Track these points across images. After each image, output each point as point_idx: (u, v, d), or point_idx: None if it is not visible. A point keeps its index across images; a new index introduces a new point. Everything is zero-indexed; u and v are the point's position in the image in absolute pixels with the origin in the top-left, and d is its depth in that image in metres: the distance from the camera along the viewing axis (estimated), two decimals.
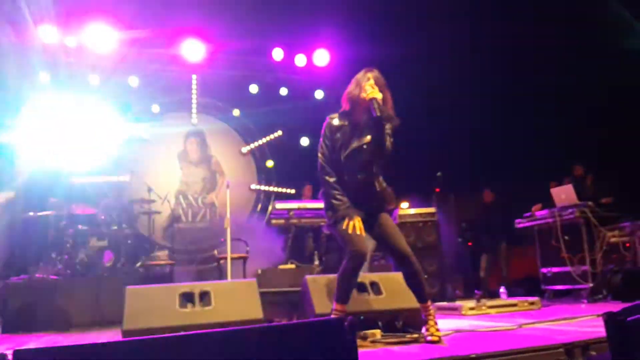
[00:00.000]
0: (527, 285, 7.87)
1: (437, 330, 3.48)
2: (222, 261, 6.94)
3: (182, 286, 4.11)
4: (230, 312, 3.94)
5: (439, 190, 9.31)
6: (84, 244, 6.85)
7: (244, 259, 7.15)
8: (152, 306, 3.85)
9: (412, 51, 8.12)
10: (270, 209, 7.51)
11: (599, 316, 4.20)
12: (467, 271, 8.89)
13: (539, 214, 7.39)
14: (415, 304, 3.65)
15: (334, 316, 3.49)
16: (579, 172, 7.74)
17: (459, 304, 5.71)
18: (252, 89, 10.15)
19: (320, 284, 4.13)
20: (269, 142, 10.41)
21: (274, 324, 4.15)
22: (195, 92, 9.98)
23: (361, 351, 2.74)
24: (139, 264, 7.26)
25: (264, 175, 10.40)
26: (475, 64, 8.67)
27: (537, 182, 8.10)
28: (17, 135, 7.79)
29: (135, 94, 9.32)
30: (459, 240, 9.09)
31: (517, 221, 7.74)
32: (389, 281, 4.28)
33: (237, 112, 10.16)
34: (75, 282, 6.43)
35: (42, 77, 8.56)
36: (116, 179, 8.45)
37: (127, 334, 3.60)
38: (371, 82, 3.55)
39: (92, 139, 8.64)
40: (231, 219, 6.44)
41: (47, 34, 8.35)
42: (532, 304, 5.77)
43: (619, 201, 7.09)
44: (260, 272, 6.44)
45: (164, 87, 9.61)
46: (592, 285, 6.51)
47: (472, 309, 5.52)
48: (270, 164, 10.38)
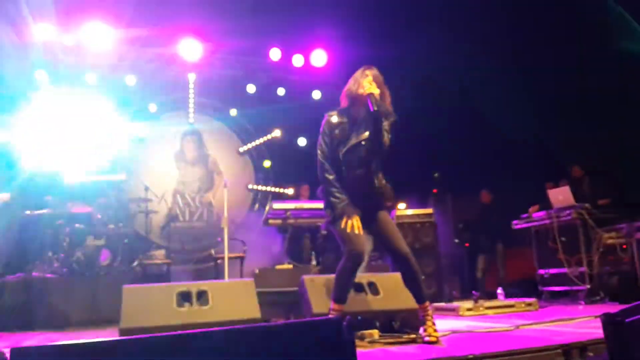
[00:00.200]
0: (524, 286, 7.86)
1: (435, 330, 3.48)
2: (219, 261, 6.93)
3: (180, 285, 4.11)
4: (227, 312, 3.94)
5: (436, 191, 9.35)
6: (80, 243, 6.82)
7: (241, 258, 7.15)
8: (150, 305, 3.85)
9: (409, 52, 8.13)
10: (267, 209, 7.49)
11: (597, 317, 4.20)
12: (465, 272, 8.90)
13: (536, 215, 7.39)
14: (413, 305, 3.65)
15: (331, 316, 3.49)
16: (578, 174, 7.73)
17: (456, 304, 5.71)
18: (250, 89, 10.13)
19: (317, 284, 4.13)
20: (266, 142, 10.39)
21: (272, 323, 4.15)
22: (192, 91, 9.95)
23: (359, 351, 2.73)
24: (136, 263, 7.25)
25: (261, 175, 10.39)
26: (473, 64, 8.67)
27: (535, 183, 8.11)
28: (14, 133, 7.77)
29: (132, 93, 9.29)
30: (456, 241, 9.09)
31: (514, 222, 7.73)
32: (387, 281, 4.29)
33: (234, 111, 10.14)
34: (72, 281, 6.40)
35: (40, 75, 8.53)
36: (113, 177, 8.44)
37: (124, 333, 3.60)
38: (369, 79, 3.58)
39: (89, 138, 8.62)
40: (228, 219, 6.44)
41: (45, 32, 8.32)
42: (529, 305, 5.77)
43: (616, 203, 7.10)
44: (257, 271, 6.44)
45: (161, 86, 9.59)
46: (589, 286, 6.52)
47: (469, 309, 5.52)
48: (267, 163, 10.37)
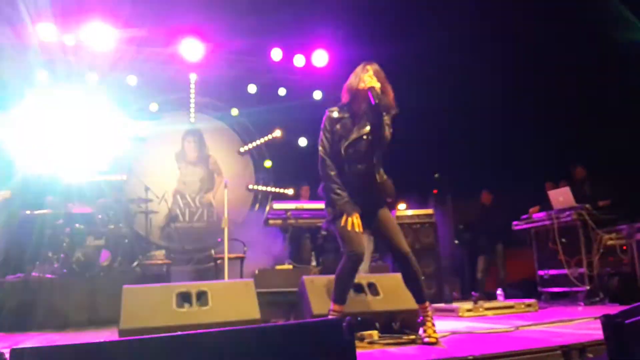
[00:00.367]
0: (524, 287, 7.86)
1: (435, 331, 3.48)
2: (219, 261, 6.93)
3: (180, 286, 4.10)
4: (227, 312, 3.93)
5: (436, 191, 9.35)
6: (80, 243, 6.81)
7: (241, 259, 7.14)
8: (149, 306, 3.84)
9: (410, 52, 8.12)
10: (267, 209, 7.49)
11: (596, 319, 4.20)
12: (464, 273, 8.90)
13: (536, 216, 7.39)
14: (412, 305, 3.65)
15: (331, 317, 3.49)
16: (580, 175, 7.69)
17: (455, 305, 5.71)
18: (251, 89, 10.12)
19: (317, 284, 4.12)
20: (267, 142, 10.39)
21: (272, 324, 4.15)
22: (193, 91, 9.96)
23: (358, 352, 2.73)
24: (136, 264, 7.24)
25: (262, 175, 10.38)
26: (474, 64, 8.67)
27: (535, 184, 8.11)
28: (14, 133, 7.76)
29: (133, 93, 9.30)
30: (456, 241, 9.09)
31: (514, 223, 7.72)
32: (387, 282, 4.28)
33: (235, 111, 10.14)
34: (71, 281, 6.40)
35: (40, 75, 8.53)
36: (113, 178, 8.44)
37: (124, 334, 3.59)
38: (370, 73, 3.57)
39: (90, 138, 8.62)
40: (228, 219, 6.44)
41: (45, 31, 8.32)
42: (529, 306, 5.77)
43: (616, 204, 7.09)
44: (257, 272, 6.44)
45: (162, 86, 9.58)
46: (589, 287, 6.52)
47: (469, 310, 5.52)
48: (268, 164, 10.37)
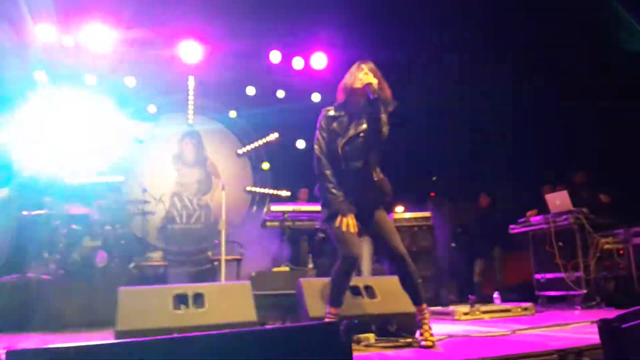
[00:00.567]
0: (520, 290, 7.85)
1: (431, 335, 3.48)
2: (216, 263, 6.92)
3: (176, 287, 4.10)
4: (224, 315, 3.93)
5: (434, 194, 9.35)
6: (77, 244, 6.79)
7: (239, 261, 7.14)
8: (146, 307, 3.83)
9: (409, 55, 8.14)
10: (265, 211, 7.49)
11: (593, 323, 4.22)
12: (461, 276, 8.89)
13: (534, 219, 7.39)
14: (409, 308, 3.65)
15: (328, 320, 3.49)
16: (581, 180, 7.68)
17: (452, 308, 5.71)
18: (249, 91, 10.12)
19: (314, 287, 4.11)
20: (265, 144, 10.39)
21: (269, 327, 4.14)
22: (192, 93, 9.96)
23: (355, 355, 2.73)
24: (133, 265, 7.23)
25: (260, 177, 10.38)
26: (473, 67, 8.69)
27: (533, 188, 8.11)
28: (13, 134, 7.75)
29: (132, 94, 9.29)
30: (454, 244, 9.09)
31: (511, 227, 7.73)
32: (384, 285, 4.28)
33: (233, 113, 10.14)
34: (68, 282, 6.37)
35: (39, 76, 8.52)
36: (111, 179, 8.43)
37: (120, 335, 3.59)
38: (365, 71, 3.58)
39: (88, 139, 8.61)
40: (226, 221, 6.43)
41: (44, 32, 8.32)
42: (526, 309, 5.77)
43: (613, 207, 7.11)
44: (254, 274, 6.42)
45: (160, 87, 9.58)
46: (585, 291, 6.52)
47: (465, 314, 5.52)
48: (266, 166, 10.36)
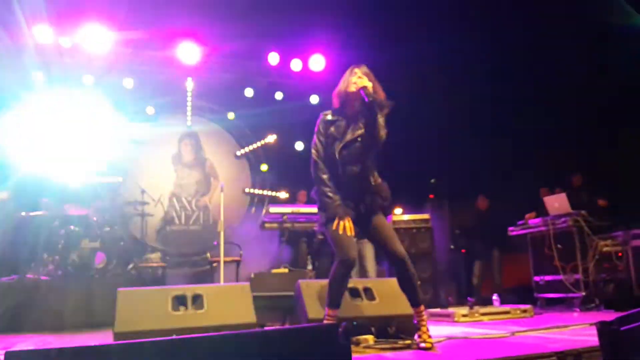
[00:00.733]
0: (519, 293, 7.87)
1: (430, 337, 3.48)
2: (214, 264, 6.91)
3: (175, 289, 4.09)
4: (223, 316, 3.92)
5: (433, 196, 9.34)
6: (75, 245, 6.79)
7: (237, 262, 7.13)
8: (145, 309, 3.82)
9: (408, 57, 8.13)
10: (264, 212, 7.49)
11: (592, 325, 4.22)
12: (460, 278, 8.89)
13: (532, 222, 7.40)
14: (408, 310, 3.65)
15: (326, 321, 3.49)
16: (578, 182, 7.69)
17: (451, 310, 5.71)
18: (248, 93, 10.12)
19: (313, 288, 4.11)
20: (264, 146, 10.39)
21: (268, 328, 4.13)
22: (190, 94, 9.96)
23: (354, 357, 2.73)
24: (131, 266, 7.23)
25: (258, 179, 10.37)
26: (472, 69, 8.69)
27: (531, 190, 8.11)
28: (10, 135, 7.74)
29: (130, 95, 9.28)
30: (452, 247, 9.08)
31: (510, 229, 7.73)
32: (383, 287, 4.28)
33: (232, 115, 10.14)
34: (66, 283, 6.37)
35: (37, 77, 8.51)
36: (109, 180, 8.41)
37: (118, 336, 3.58)
38: (359, 74, 3.60)
39: (86, 140, 8.60)
40: (224, 223, 6.42)
41: (41, 34, 8.30)
42: (525, 311, 5.78)
43: (612, 210, 7.11)
44: (253, 275, 6.41)
45: (159, 88, 9.57)
46: (584, 294, 6.53)
47: (464, 315, 5.52)
48: (264, 167, 10.36)
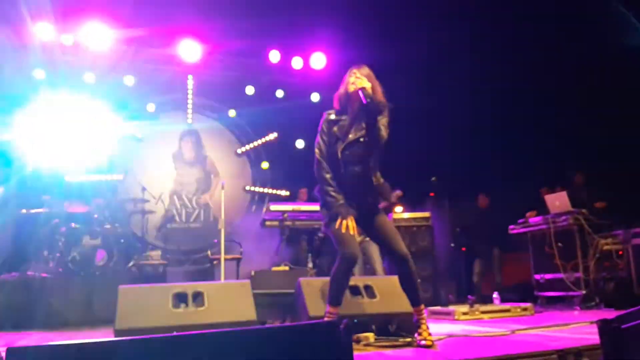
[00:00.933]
0: (520, 291, 7.85)
1: (430, 334, 3.48)
2: (215, 262, 6.91)
3: (176, 286, 4.10)
4: (223, 313, 3.93)
5: (433, 194, 9.33)
6: (76, 242, 6.78)
7: (238, 260, 7.13)
8: (145, 306, 3.83)
9: (408, 55, 8.13)
10: (264, 210, 7.49)
11: (592, 323, 4.22)
12: (460, 276, 8.88)
13: (533, 220, 7.39)
14: (409, 308, 3.65)
15: (327, 319, 3.49)
16: (579, 180, 7.68)
17: (451, 308, 5.71)
18: (249, 91, 10.13)
19: (314, 286, 4.12)
20: (264, 143, 10.40)
21: (269, 325, 4.14)
22: (191, 92, 9.96)
23: (354, 354, 2.72)
24: (132, 264, 7.22)
25: (259, 176, 10.38)
26: (472, 67, 8.68)
27: (532, 189, 8.11)
28: (12, 132, 7.75)
29: (131, 93, 9.29)
30: (453, 245, 9.08)
31: (511, 227, 7.73)
32: (383, 285, 4.28)
33: (233, 113, 10.14)
34: (67, 281, 6.37)
35: (38, 75, 8.52)
36: (110, 177, 8.43)
37: (119, 334, 3.58)
38: (357, 75, 3.60)
39: (87, 138, 8.61)
40: (225, 220, 6.43)
41: (43, 31, 8.31)
42: (525, 309, 5.77)
43: (612, 208, 7.10)
44: (254, 273, 6.42)
45: (159, 86, 9.57)
46: (584, 292, 6.53)
47: (465, 314, 5.52)
48: (265, 165, 10.37)
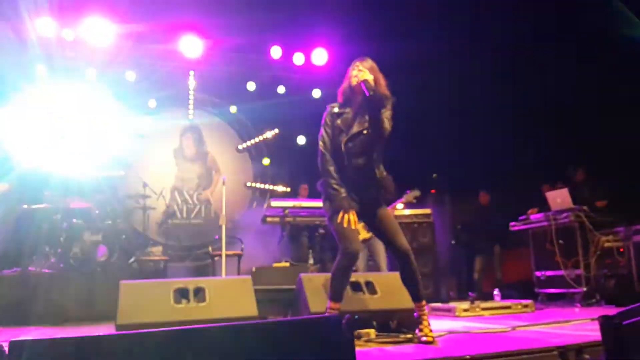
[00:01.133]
0: (520, 288, 7.87)
1: (431, 330, 3.48)
2: (216, 258, 6.92)
3: (177, 282, 4.10)
4: (224, 309, 3.93)
5: (434, 191, 9.34)
6: (77, 238, 6.80)
7: (239, 256, 7.14)
8: (147, 301, 3.83)
9: (410, 51, 8.11)
10: (265, 206, 7.50)
11: (593, 320, 4.22)
12: (461, 273, 8.90)
13: (534, 217, 7.39)
14: (410, 305, 3.65)
15: (329, 314, 3.49)
16: (581, 177, 7.69)
17: (452, 305, 5.71)
18: (250, 86, 10.11)
19: (315, 282, 4.12)
20: (266, 139, 10.40)
21: (271, 319, 4.14)
22: (192, 88, 9.95)
23: (355, 350, 2.73)
24: (133, 259, 7.23)
25: (260, 172, 10.38)
26: (474, 64, 8.67)
27: (533, 186, 8.10)
28: (13, 128, 7.75)
29: (132, 89, 9.28)
30: (454, 241, 9.08)
31: (512, 224, 7.72)
32: (384, 281, 4.29)
33: (234, 108, 10.13)
34: (68, 276, 6.37)
35: (39, 70, 8.51)
36: (111, 173, 8.43)
37: (120, 329, 3.59)
38: (360, 68, 3.60)
39: (88, 133, 8.61)
40: (226, 216, 6.43)
41: (44, 26, 8.30)
42: (526, 306, 5.78)
43: (613, 205, 7.10)
44: (255, 269, 6.43)
45: (161, 82, 9.56)
46: (585, 289, 6.53)
47: (465, 310, 5.52)
48: (266, 161, 10.36)
